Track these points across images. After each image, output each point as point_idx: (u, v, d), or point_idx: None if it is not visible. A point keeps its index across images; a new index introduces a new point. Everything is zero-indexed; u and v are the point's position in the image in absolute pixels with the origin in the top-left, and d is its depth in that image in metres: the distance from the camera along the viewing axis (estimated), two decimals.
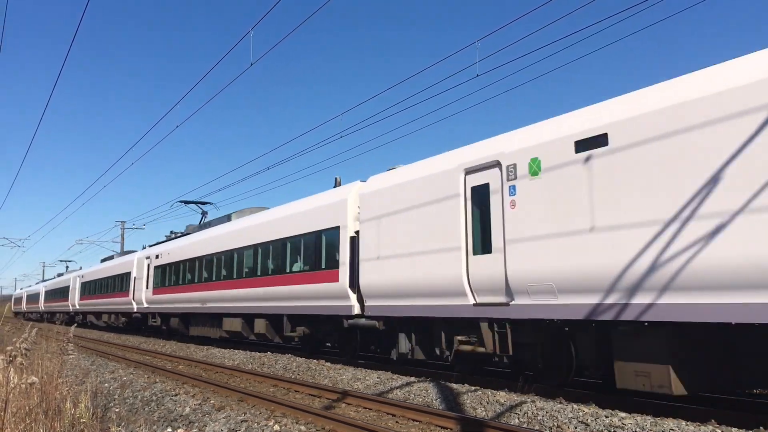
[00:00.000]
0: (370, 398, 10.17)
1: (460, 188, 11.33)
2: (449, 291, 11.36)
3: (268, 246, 18.50)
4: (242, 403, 10.53)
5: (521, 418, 8.59)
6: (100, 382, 13.59)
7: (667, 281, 7.92)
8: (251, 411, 9.66)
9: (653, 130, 8.26)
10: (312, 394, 11.38)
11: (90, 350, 22.61)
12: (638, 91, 8.97)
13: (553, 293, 9.47)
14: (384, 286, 13.11)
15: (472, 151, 11.42)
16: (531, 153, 9.97)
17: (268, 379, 13.33)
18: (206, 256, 23.29)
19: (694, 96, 7.92)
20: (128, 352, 22.86)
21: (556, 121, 9.96)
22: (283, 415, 9.27)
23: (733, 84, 7.53)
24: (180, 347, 23.63)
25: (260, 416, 9.17)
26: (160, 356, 20.38)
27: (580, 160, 9.13)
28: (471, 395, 10.14)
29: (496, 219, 10.60)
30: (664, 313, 8.00)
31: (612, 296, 8.62)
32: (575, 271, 9.07)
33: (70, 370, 14.92)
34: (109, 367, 17.02)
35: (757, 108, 7.23)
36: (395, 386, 11.57)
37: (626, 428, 7.58)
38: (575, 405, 8.88)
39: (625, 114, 8.69)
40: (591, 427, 7.77)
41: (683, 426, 7.55)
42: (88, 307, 42.73)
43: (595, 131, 8.99)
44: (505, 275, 10.30)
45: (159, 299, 28.01)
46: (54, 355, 9.70)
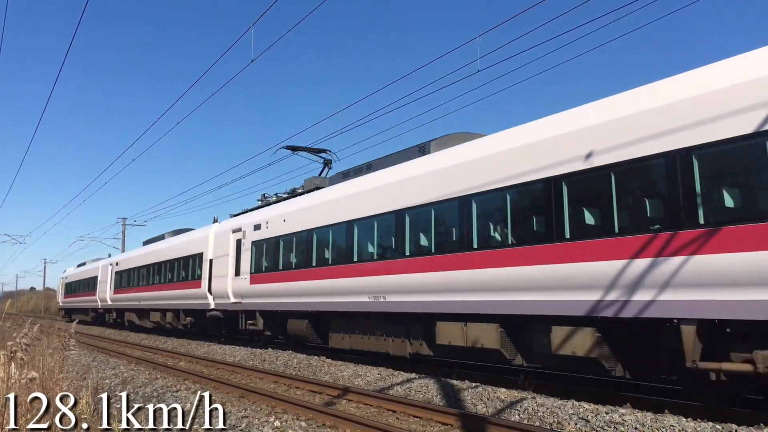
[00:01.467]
0: (371, 395, 10.18)
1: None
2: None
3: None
4: (243, 400, 10.55)
5: (522, 414, 8.60)
6: (101, 378, 13.61)
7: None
8: (252, 407, 9.68)
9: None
10: (313, 391, 11.39)
11: (91, 347, 22.63)
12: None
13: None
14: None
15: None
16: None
17: (269, 375, 13.35)
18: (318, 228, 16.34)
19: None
20: (129, 348, 22.89)
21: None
22: (284, 411, 9.29)
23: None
24: (181, 344, 23.64)
25: (261, 412, 9.19)
26: (161, 353, 20.42)
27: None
28: (471, 392, 10.15)
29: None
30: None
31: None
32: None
33: (71, 366, 14.95)
34: (110, 363, 17.05)
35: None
36: (396, 383, 11.58)
37: (626, 424, 7.59)
38: (575, 401, 8.88)
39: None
40: (591, 423, 7.78)
41: (683, 422, 7.55)
42: (126, 302, 34.38)
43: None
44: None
45: (262, 291, 18.93)
46: (55, 350, 9.71)
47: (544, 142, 10.17)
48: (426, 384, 11.05)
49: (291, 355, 16.81)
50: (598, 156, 9.17)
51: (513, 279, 10.39)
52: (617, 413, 8.04)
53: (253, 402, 10.28)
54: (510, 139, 11.13)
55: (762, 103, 7.39)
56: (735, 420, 7.65)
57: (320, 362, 14.87)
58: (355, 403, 10.05)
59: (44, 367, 8.32)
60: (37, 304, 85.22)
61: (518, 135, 11.04)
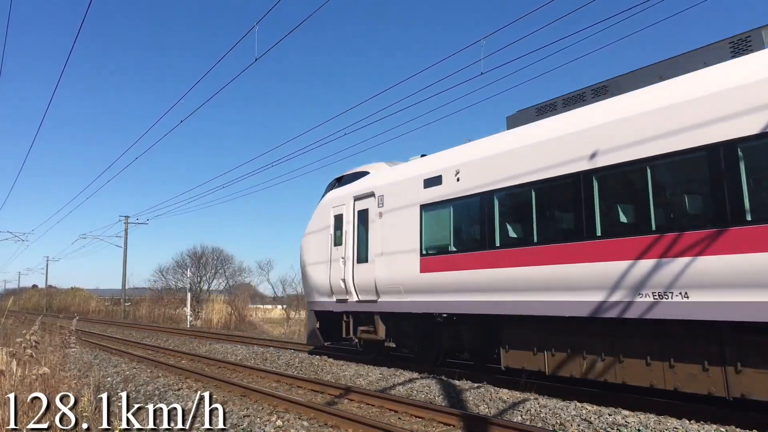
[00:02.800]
0: (373, 394, 10.16)
1: None
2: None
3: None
4: (245, 399, 10.53)
5: (524, 415, 8.57)
6: (102, 376, 13.61)
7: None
8: (254, 406, 9.66)
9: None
10: (315, 390, 11.38)
11: (93, 344, 22.65)
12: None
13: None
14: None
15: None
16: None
17: (271, 374, 13.34)
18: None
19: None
20: (131, 347, 22.89)
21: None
22: (285, 410, 9.27)
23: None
24: (182, 342, 23.65)
25: (263, 411, 9.18)
26: (163, 351, 20.41)
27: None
28: (474, 392, 10.12)
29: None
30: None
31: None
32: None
33: (73, 364, 14.96)
34: (112, 361, 17.05)
35: None
36: (398, 383, 11.56)
37: (629, 426, 7.56)
38: (578, 402, 8.86)
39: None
40: (594, 425, 7.75)
41: (687, 425, 7.52)
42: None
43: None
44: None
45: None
46: (57, 348, 9.70)
47: None
48: (428, 384, 11.03)
49: (293, 354, 16.79)
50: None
51: None
52: (620, 415, 8.01)
53: (254, 401, 10.26)
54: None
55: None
56: (739, 424, 7.61)
57: (322, 362, 14.84)
58: (357, 402, 10.03)
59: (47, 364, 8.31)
60: (39, 301, 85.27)
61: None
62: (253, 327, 37.06)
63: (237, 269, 56.94)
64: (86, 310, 64.19)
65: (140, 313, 49.91)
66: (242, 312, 40.54)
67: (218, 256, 56.16)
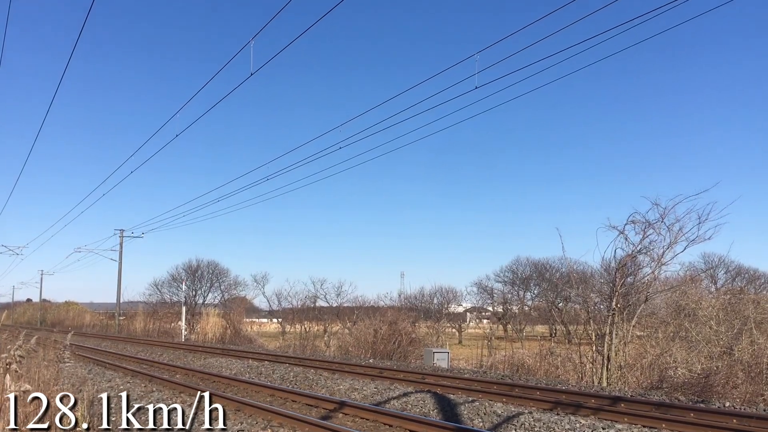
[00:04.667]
0: (368, 408, 10.15)
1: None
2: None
3: None
4: (239, 413, 10.50)
5: (518, 429, 8.58)
6: (96, 390, 13.54)
7: None
8: (248, 420, 9.64)
9: None
10: (309, 404, 11.35)
11: (87, 359, 22.54)
12: None
13: None
14: None
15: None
16: None
17: (266, 388, 13.30)
18: None
19: None
20: (125, 361, 22.78)
21: None
22: (279, 425, 9.25)
23: None
24: (177, 356, 23.55)
25: (257, 426, 9.16)
26: (158, 365, 20.32)
27: None
28: (468, 406, 10.13)
29: None
30: None
31: None
32: None
33: (66, 379, 14.88)
34: (106, 375, 16.97)
35: None
36: (392, 396, 11.55)
37: None
38: (572, 416, 8.87)
39: None
40: None
41: None
42: None
43: None
44: None
45: None
46: (51, 363, 9.68)
47: None
48: (423, 398, 11.02)
49: (287, 368, 16.74)
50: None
51: None
52: (614, 429, 8.03)
53: (249, 415, 10.23)
54: None
55: None
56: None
57: (317, 376, 14.82)
58: (351, 416, 10.01)
59: (40, 379, 8.30)
60: (33, 315, 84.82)
61: None
62: (249, 341, 36.90)
63: (232, 283, 56.74)
64: (81, 324, 63.82)
65: (135, 327, 49.66)
66: (237, 326, 40.35)
67: (214, 269, 56.00)
